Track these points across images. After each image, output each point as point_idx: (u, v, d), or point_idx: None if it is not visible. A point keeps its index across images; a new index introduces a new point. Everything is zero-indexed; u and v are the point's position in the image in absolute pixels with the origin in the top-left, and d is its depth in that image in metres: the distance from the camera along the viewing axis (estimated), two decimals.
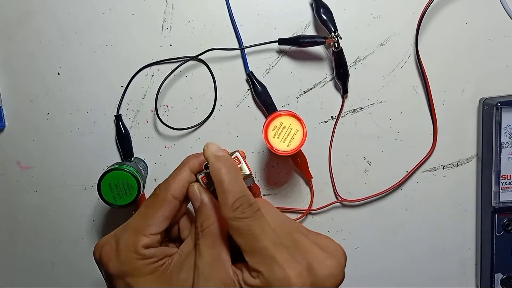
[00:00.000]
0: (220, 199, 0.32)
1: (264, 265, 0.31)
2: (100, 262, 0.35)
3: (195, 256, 0.34)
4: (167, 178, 0.36)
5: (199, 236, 0.34)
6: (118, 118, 0.47)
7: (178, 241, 0.38)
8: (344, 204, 0.50)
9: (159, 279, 0.33)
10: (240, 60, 0.47)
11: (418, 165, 0.49)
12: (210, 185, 0.36)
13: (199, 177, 0.36)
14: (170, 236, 0.38)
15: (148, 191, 0.48)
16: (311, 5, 0.47)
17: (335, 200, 0.50)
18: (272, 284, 0.30)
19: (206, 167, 0.35)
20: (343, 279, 0.33)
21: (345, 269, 0.33)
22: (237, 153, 0.36)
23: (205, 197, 0.35)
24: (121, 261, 0.33)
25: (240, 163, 0.36)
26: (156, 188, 0.36)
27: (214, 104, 0.48)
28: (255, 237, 0.31)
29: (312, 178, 0.49)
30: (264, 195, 0.50)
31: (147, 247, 0.34)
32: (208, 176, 0.35)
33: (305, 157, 0.48)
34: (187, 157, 0.37)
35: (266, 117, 0.48)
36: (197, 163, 0.36)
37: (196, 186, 0.35)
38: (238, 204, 0.32)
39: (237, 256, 0.33)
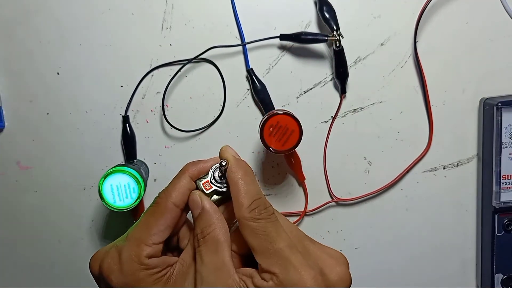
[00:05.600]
0: (237, 200, 0.33)
1: (279, 267, 0.31)
2: (100, 275, 0.34)
3: (195, 263, 0.33)
4: (167, 186, 0.36)
5: (200, 243, 0.33)
6: (125, 119, 0.47)
7: (177, 250, 0.38)
8: (341, 203, 0.50)
9: None
10: (240, 59, 0.47)
11: (413, 164, 0.49)
12: (212, 193, 0.35)
13: (200, 183, 0.36)
14: (169, 246, 0.38)
15: (148, 193, 0.48)
16: (315, 3, 0.47)
17: (330, 199, 0.49)
18: (286, 286, 0.30)
19: (222, 164, 0.34)
20: (351, 284, 0.33)
21: None
22: None
23: (207, 204, 0.34)
24: (125, 273, 0.33)
25: None
26: (156, 197, 0.36)
27: (224, 104, 0.48)
28: (270, 239, 0.31)
29: (305, 179, 0.49)
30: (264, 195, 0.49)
31: (150, 257, 0.33)
32: (212, 181, 0.35)
33: (299, 158, 0.48)
34: (186, 164, 0.37)
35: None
36: (196, 170, 0.36)
37: (197, 193, 0.35)
38: (254, 206, 0.32)
39: (243, 263, 0.34)
